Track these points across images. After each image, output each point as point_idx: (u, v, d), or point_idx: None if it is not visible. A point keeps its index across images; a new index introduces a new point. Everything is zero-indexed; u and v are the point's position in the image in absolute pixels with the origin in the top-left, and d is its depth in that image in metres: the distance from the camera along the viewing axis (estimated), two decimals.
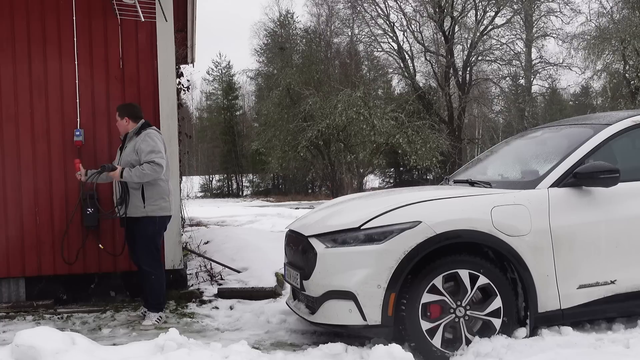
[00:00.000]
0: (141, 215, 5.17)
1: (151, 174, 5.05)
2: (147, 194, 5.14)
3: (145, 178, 5.07)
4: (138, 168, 5.07)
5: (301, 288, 4.38)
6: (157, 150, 5.11)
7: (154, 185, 5.15)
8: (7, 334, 4.98)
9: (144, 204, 5.14)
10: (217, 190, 44.82)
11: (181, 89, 8.64)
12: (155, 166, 5.06)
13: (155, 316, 5.20)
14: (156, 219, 5.20)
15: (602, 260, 4.21)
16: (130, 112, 5.35)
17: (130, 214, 5.22)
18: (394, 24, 28.97)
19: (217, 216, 17.47)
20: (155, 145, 5.13)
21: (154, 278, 5.21)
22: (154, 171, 5.06)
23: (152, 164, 5.06)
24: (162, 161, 5.10)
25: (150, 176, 5.06)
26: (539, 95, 33.26)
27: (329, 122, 23.81)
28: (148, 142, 5.13)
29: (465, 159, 26.41)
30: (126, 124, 5.32)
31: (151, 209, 5.16)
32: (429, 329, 3.92)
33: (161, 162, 5.09)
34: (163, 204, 5.21)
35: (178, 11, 7.14)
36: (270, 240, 8.35)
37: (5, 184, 5.86)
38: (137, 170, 5.06)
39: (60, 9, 5.93)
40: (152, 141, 5.14)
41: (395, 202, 4.27)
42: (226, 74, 46.41)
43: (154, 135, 5.22)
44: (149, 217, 5.17)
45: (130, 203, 5.20)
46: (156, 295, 5.25)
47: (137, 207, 5.17)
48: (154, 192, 5.16)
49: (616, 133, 4.47)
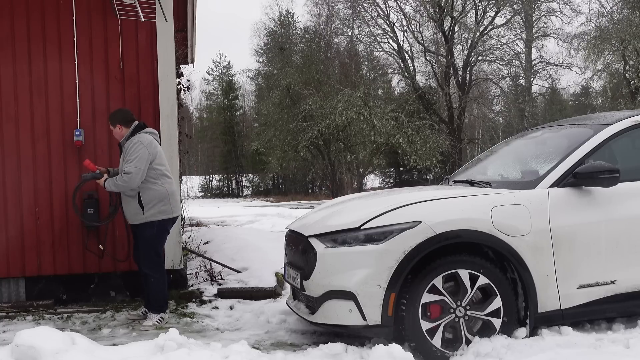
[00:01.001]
0: (141, 222, 5.17)
1: (122, 184, 5.05)
2: (145, 200, 5.12)
3: (119, 188, 5.10)
4: (113, 179, 5.11)
5: (301, 288, 4.38)
6: (132, 159, 5.03)
7: (149, 190, 5.12)
8: (7, 334, 4.98)
9: (142, 210, 5.13)
10: (217, 190, 44.83)
11: (181, 89, 8.64)
12: (126, 176, 5.02)
13: (156, 317, 5.20)
14: (155, 223, 5.17)
15: (602, 260, 4.21)
16: (120, 119, 5.27)
17: (132, 221, 5.23)
18: (394, 24, 29.02)
19: (217, 216, 17.47)
20: (132, 154, 5.05)
21: (153, 281, 5.21)
22: (124, 182, 5.04)
23: (122, 174, 5.06)
24: (132, 169, 5.01)
25: (122, 187, 5.08)
26: (539, 95, 33.27)
27: (329, 122, 23.82)
28: (128, 151, 5.10)
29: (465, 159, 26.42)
30: (120, 131, 5.26)
31: (151, 214, 5.14)
32: (429, 329, 3.92)
33: (130, 171, 5.01)
34: (163, 207, 5.18)
35: (178, 11, 7.14)
36: (270, 240, 8.35)
37: (5, 184, 5.87)
38: (111, 181, 5.11)
39: (60, 9, 5.94)
40: (132, 149, 5.08)
41: (395, 202, 4.27)
42: (226, 74, 46.45)
43: (137, 142, 5.10)
44: (148, 222, 5.16)
45: (129, 210, 5.20)
46: (156, 297, 5.24)
47: (137, 214, 5.16)
48: (151, 197, 5.13)
49: (616, 133, 4.46)
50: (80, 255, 5.93)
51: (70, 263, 5.96)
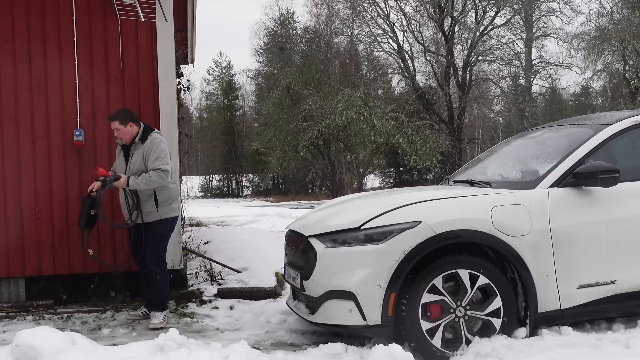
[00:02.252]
0: (155, 220, 5.20)
1: (158, 180, 5.09)
2: (160, 199, 5.19)
3: (152, 185, 5.11)
4: (145, 175, 5.09)
5: (301, 288, 4.38)
6: (162, 157, 5.15)
7: (165, 189, 5.20)
8: (7, 334, 4.98)
9: (157, 208, 5.18)
10: (217, 190, 44.81)
11: (181, 89, 8.65)
12: (162, 173, 5.10)
13: (162, 315, 5.23)
14: (168, 220, 5.27)
15: (602, 260, 4.21)
16: (131, 117, 5.29)
17: (145, 220, 5.21)
18: (394, 24, 29.00)
19: (217, 216, 17.47)
20: (161, 152, 5.16)
21: (159, 278, 5.24)
22: (160, 178, 5.10)
23: (158, 171, 5.10)
24: (167, 167, 5.15)
25: (157, 183, 5.10)
26: (539, 95, 33.28)
27: (329, 122, 23.81)
28: (154, 149, 5.16)
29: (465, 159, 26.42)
30: (131, 129, 5.23)
31: (165, 212, 5.22)
32: (429, 329, 3.92)
33: (167, 168, 5.14)
34: (174, 205, 5.30)
35: (178, 11, 7.14)
36: (270, 240, 8.34)
37: (5, 184, 5.86)
38: (144, 178, 5.08)
39: (60, 9, 5.93)
40: (158, 147, 5.17)
41: (395, 202, 4.27)
42: (226, 74, 46.44)
43: (160, 140, 5.23)
44: (162, 219, 5.23)
45: (144, 210, 5.20)
46: (162, 295, 5.28)
47: (151, 213, 5.19)
48: (166, 195, 5.21)
49: (616, 133, 4.47)
50: (81, 255, 5.92)
51: (70, 263, 5.95)
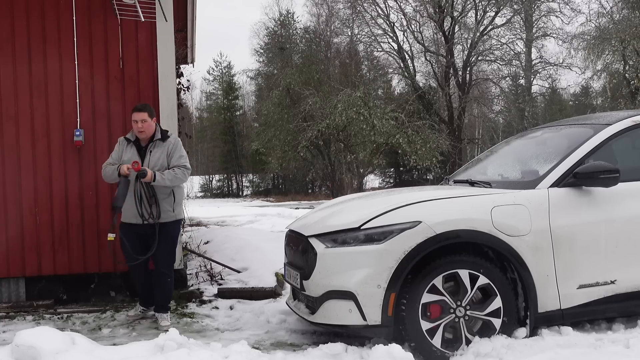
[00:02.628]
0: (171, 220, 5.20)
1: (182, 177, 5.15)
2: (177, 198, 5.23)
3: (176, 182, 5.14)
4: (170, 172, 5.09)
5: (301, 288, 4.38)
6: (185, 156, 5.27)
7: (179, 189, 5.27)
8: (7, 334, 4.98)
9: (172, 207, 5.19)
10: (217, 190, 44.82)
11: (181, 89, 8.65)
12: (187, 171, 5.18)
13: (168, 315, 5.28)
14: (180, 220, 5.35)
15: (602, 260, 4.21)
16: (154, 112, 5.34)
17: (161, 220, 5.13)
18: (394, 24, 29.00)
19: (217, 216, 17.46)
20: (183, 151, 5.29)
21: (170, 280, 5.27)
22: (184, 175, 5.16)
23: (182, 168, 5.14)
24: (189, 166, 5.25)
25: (181, 180, 5.16)
26: (539, 95, 33.28)
27: (329, 122, 23.82)
28: (179, 148, 5.25)
29: (465, 159, 26.41)
30: (153, 124, 5.24)
31: (178, 211, 5.28)
32: (429, 329, 3.92)
33: (189, 167, 5.24)
34: (182, 206, 5.39)
35: (178, 11, 7.14)
36: (270, 240, 8.34)
37: (5, 184, 5.86)
38: (169, 174, 5.07)
39: (60, 9, 5.94)
40: (181, 147, 5.29)
41: (395, 202, 4.27)
42: (226, 74, 46.45)
43: (179, 140, 5.38)
44: (177, 220, 5.27)
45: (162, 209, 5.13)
46: (169, 296, 5.33)
47: (167, 212, 5.17)
48: (181, 195, 5.31)
49: (616, 133, 4.47)
50: (80, 255, 5.93)
51: (70, 263, 5.95)
